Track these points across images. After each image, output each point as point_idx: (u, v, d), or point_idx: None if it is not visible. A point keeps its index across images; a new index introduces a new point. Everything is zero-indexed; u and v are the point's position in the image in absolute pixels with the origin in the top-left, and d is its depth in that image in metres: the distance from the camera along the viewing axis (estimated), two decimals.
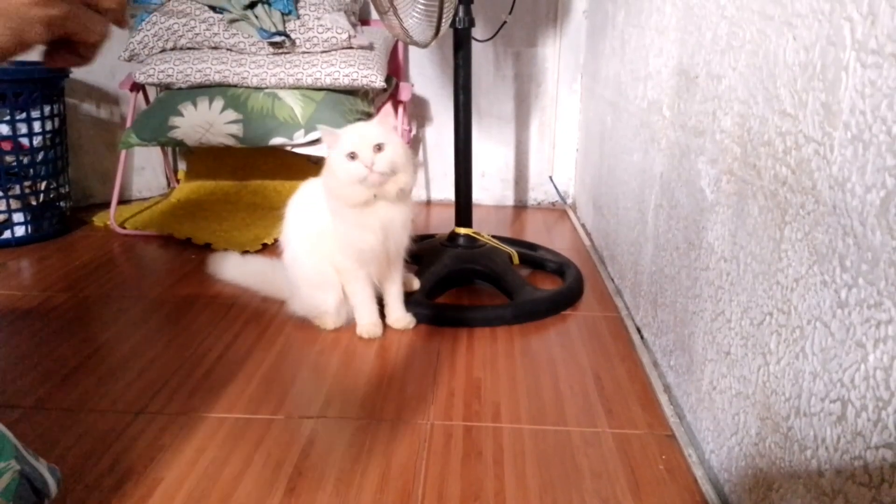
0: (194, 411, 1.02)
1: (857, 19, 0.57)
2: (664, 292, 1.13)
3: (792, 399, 0.67)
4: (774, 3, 0.73)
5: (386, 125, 1.19)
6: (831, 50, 0.61)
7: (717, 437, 0.86)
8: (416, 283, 1.41)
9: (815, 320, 0.63)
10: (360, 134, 1.16)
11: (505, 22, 1.81)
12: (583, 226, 1.98)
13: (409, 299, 1.35)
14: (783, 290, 0.69)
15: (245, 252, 1.69)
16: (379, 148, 1.14)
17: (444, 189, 2.26)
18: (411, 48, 2.13)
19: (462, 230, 1.54)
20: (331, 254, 1.25)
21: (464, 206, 1.54)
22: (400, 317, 1.31)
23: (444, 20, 1.25)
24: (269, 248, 1.74)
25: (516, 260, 1.54)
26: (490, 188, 2.25)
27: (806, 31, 0.66)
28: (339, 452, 0.93)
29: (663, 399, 1.06)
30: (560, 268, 1.57)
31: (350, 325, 1.30)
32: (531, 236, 1.90)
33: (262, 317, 1.35)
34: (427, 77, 2.15)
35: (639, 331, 1.28)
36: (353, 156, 1.14)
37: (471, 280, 1.51)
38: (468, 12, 1.41)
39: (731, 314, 0.82)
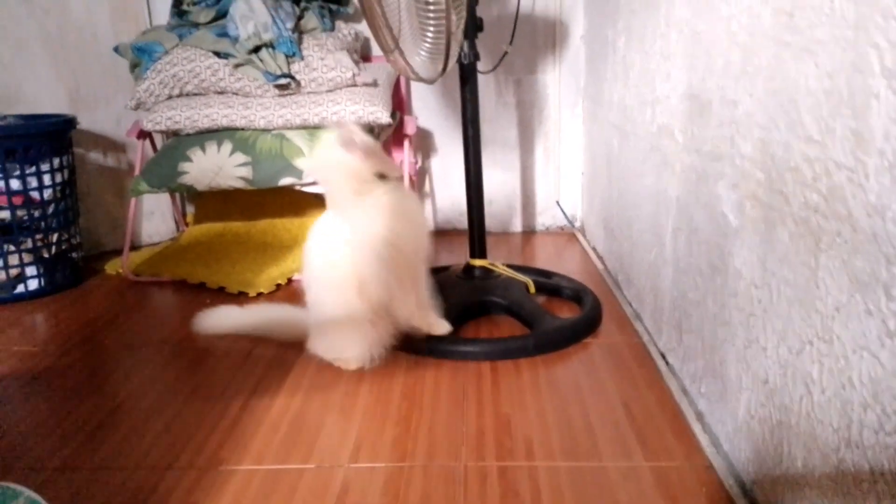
0: (224, 464, 1.01)
1: (884, 46, 0.57)
2: (689, 318, 1.12)
3: (841, 430, 0.66)
4: (791, 30, 0.74)
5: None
6: (858, 77, 0.61)
7: (760, 467, 0.85)
8: (445, 327, 1.38)
9: (861, 350, 0.62)
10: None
11: (506, 52, 1.82)
12: (594, 249, 1.97)
13: (428, 335, 1.35)
14: (823, 319, 0.68)
15: (259, 294, 1.69)
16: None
17: (452, 219, 2.26)
18: (413, 82, 2.14)
19: (477, 262, 1.54)
20: (366, 281, 1.25)
21: (477, 238, 1.54)
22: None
23: (451, 57, 1.26)
24: (282, 289, 1.74)
25: (532, 289, 1.54)
26: (498, 215, 2.25)
27: (828, 58, 0.66)
28: (374, 501, 0.92)
29: (696, 427, 1.05)
30: (577, 294, 1.56)
31: (370, 365, 1.29)
32: (542, 262, 1.90)
33: (283, 361, 1.34)
34: (431, 109, 2.16)
35: (663, 356, 1.27)
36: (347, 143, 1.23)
37: (489, 312, 1.50)
38: (473, 47, 1.42)
39: (767, 342, 0.82)
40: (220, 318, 1.47)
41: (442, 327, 1.36)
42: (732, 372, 0.93)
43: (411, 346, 1.34)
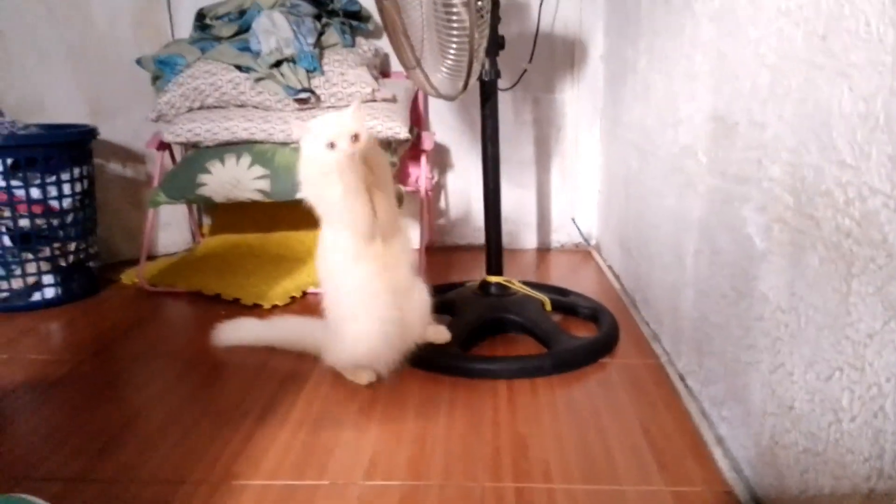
0: (237, 478, 1.00)
1: None
2: (710, 340, 1.10)
3: (872, 459, 0.64)
4: (824, 54, 0.73)
5: (360, 116, 1.21)
6: None
7: (783, 494, 0.83)
8: (445, 335, 1.37)
9: (895, 378, 0.60)
10: (338, 124, 1.18)
11: (525, 70, 1.83)
12: (609, 267, 1.96)
13: (443, 352, 1.34)
14: (854, 346, 0.67)
15: (274, 306, 1.69)
16: (356, 138, 1.17)
17: (467, 234, 2.26)
18: (431, 98, 2.14)
19: (493, 278, 1.53)
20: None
21: (494, 254, 1.53)
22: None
23: (472, 74, 1.26)
24: (296, 301, 1.73)
25: (549, 307, 1.52)
26: (513, 232, 2.24)
27: (864, 82, 0.65)
28: None
29: (717, 452, 1.03)
30: (593, 313, 1.55)
31: (384, 380, 1.28)
32: (557, 279, 1.89)
33: (297, 376, 1.33)
34: (447, 125, 2.16)
35: (682, 379, 1.25)
36: (332, 145, 1.16)
37: (505, 329, 1.49)
38: (494, 64, 1.42)
39: (794, 367, 0.80)
40: (239, 331, 1.47)
41: (441, 335, 1.35)
42: (756, 396, 0.91)
43: (426, 363, 1.33)
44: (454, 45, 1.24)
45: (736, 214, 0.98)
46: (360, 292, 1.24)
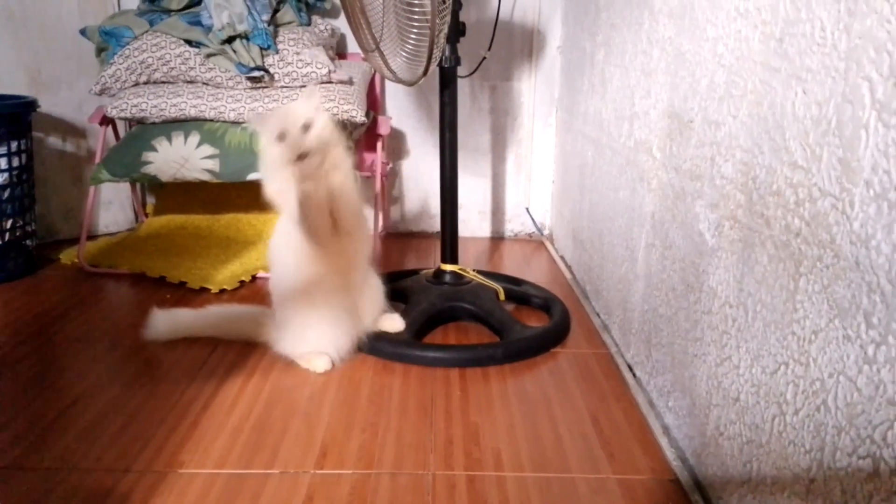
0: (184, 467, 0.98)
1: (876, 80, 0.58)
2: (659, 332, 1.13)
3: (813, 451, 0.67)
4: (780, 57, 0.75)
5: (312, 102, 1.17)
6: (848, 107, 0.62)
7: (727, 483, 0.86)
8: (399, 324, 1.37)
9: (837, 374, 0.63)
10: (287, 113, 1.15)
11: (484, 58, 1.82)
12: (562, 258, 1.99)
13: (396, 339, 1.33)
14: (800, 342, 0.69)
15: (222, 290, 1.65)
16: (306, 127, 1.13)
17: (421, 222, 2.25)
18: (387, 81, 2.12)
19: (448, 267, 1.53)
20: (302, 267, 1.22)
21: (450, 242, 1.53)
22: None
23: (433, 60, 1.25)
24: (246, 286, 1.70)
25: (502, 296, 1.53)
26: (467, 220, 2.25)
27: (818, 87, 0.67)
28: None
29: (663, 441, 1.06)
30: (546, 303, 1.56)
31: (337, 367, 1.27)
32: (510, 269, 1.90)
33: (246, 361, 1.30)
34: (403, 110, 2.14)
35: (630, 369, 1.28)
36: (282, 136, 1.13)
37: (458, 318, 1.49)
38: (454, 51, 1.41)
39: (740, 360, 0.83)
40: (174, 323, 1.40)
41: (394, 324, 1.35)
42: (702, 388, 0.94)
43: (378, 351, 1.32)
44: (415, 30, 1.22)
45: (688, 210, 1.00)
46: (312, 282, 1.23)
